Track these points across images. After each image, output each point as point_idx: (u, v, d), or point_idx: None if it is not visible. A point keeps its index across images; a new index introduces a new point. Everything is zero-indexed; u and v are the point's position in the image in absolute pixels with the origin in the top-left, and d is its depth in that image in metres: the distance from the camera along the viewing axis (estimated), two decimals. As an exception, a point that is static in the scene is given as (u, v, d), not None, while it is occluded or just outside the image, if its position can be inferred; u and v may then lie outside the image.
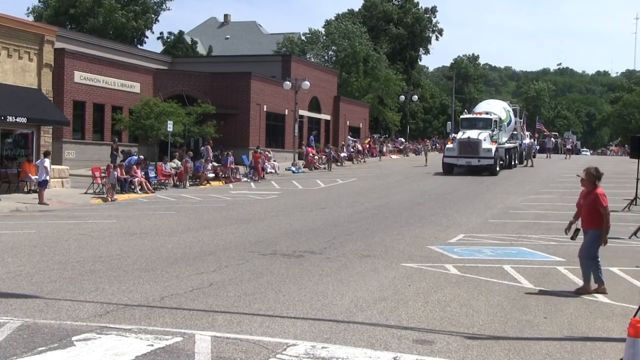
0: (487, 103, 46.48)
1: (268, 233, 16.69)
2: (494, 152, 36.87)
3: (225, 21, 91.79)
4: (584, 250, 10.50)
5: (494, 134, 38.52)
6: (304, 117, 52.16)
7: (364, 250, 14.10)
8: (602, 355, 7.41)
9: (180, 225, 18.20)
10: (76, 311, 8.67)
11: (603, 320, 8.86)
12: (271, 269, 11.92)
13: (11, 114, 25.31)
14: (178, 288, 10.17)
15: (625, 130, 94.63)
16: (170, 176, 31.37)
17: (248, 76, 45.98)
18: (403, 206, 23.43)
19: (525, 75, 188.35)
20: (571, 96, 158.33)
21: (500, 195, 27.37)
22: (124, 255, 13.17)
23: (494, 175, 36.16)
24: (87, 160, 36.86)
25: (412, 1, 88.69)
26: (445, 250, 14.30)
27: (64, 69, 37.40)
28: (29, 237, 15.55)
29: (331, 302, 9.48)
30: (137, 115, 37.45)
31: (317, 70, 56.95)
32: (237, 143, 43.30)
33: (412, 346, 7.48)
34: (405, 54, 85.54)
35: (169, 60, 56.15)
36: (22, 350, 6.92)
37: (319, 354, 7.05)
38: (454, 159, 37.83)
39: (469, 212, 21.80)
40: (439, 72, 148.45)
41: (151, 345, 7.19)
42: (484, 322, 8.60)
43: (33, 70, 27.80)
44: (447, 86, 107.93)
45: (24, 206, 22.39)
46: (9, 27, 26.51)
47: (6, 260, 12.29)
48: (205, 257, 13.08)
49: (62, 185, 28.33)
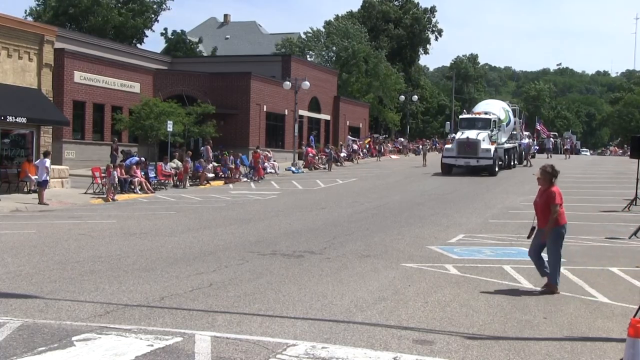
0: (487, 103, 46.28)
1: (268, 233, 16.69)
2: (493, 153, 36.72)
3: (225, 21, 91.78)
4: (552, 254, 10.48)
5: (493, 134, 38.34)
6: (303, 117, 52.16)
7: (363, 251, 14.10)
8: (602, 355, 7.41)
9: (180, 225, 18.20)
10: (76, 311, 8.67)
11: (603, 321, 8.85)
12: (271, 269, 11.92)
13: (11, 114, 25.32)
14: (178, 288, 10.17)
15: (625, 131, 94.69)
16: (170, 176, 31.39)
17: (248, 76, 45.98)
18: (403, 206, 23.43)
19: (525, 75, 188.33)
20: (571, 96, 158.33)
21: (500, 195, 27.37)
22: (124, 255, 13.17)
23: (493, 176, 36.02)
24: (87, 160, 36.86)
25: (411, 1, 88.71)
26: (445, 250, 14.31)
27: (64, 69, 37.40)
28: (29, 237, 15.55)
29: (331, 302, 9.48)
30: (137, 115, 37.44)
31: (317, 70, 56.95)
32: (237, 143, 43.29)
33: (412, 346, 7.48)
34: (404, 54, 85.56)
35: (168, 60, 56.16)
36: (22, 351, 6.92)
37: (318, 354, 7.04)
38: (453, 159, 37.62)
39: (469, 212, 21.80)
40: (439, 73, 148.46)
41: (151, 345, 7.19)
42: (484, 322, 8.60)
43: (33, 70, 27.80)
44: (447, 86, 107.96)
45: (23, 206, 22.38)
46: (9, 27, 26.51)
47: (6, 261, 12.29)
48: (205, 257, 13.08)
49: (62, 185, 28.33)
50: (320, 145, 52.32)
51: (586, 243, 15.70)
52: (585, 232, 17.46)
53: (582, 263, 13.05)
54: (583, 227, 18.53)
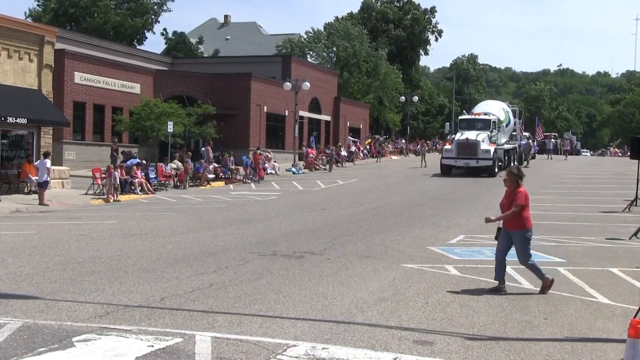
0: (486, 104, 46.06)
1: (268, 234, 16.69)
2: (493, 153, 36.53)
3: (225, 22, 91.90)
4: (522, 256, 10.48)
5: (492, 135, 38.12)
6: (304, 118, 52.17)
7: (364, 251, 14.11)
8: (603, 356, 7.41)
9: (181, 226, 18.20)
10: (76, 312, 8.67)
11: (603, 321, 8.85)
12: (271, 269, 11.92)
13: (11, 114, 25.33)
14: (178, 289, 10.17)
15: (626, 131, 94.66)
16: (170, 177, 31.40)
17: (248, 77, 46.00)
18: (403, 207, 23.43)
19: (526, 76, 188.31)
20: (571, 97, 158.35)
21: (500, 195, 27.18)
22: (124, 256, 13.17)
23: (493, 177, 35.82)
24: (87, 161, 36.87)
25: (411, 2, 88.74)
26: (446, 251, 14.31)
27: (64, 70, 37.42)
28: (29, 238, 15.55)
29: (331, 302, 9.48)
30: (138, 116, 37.46)
31: (317, 71, 56.96)
32: (237, 144, 43.30)
33: (412, 347, 7.48)
34: (404, 54, 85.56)
35: (169, 61, 56.19)
36: (23, 351, 6.92)
37: (319, 354, 7.04)
38: (452, 160, 37.45)
39: (469, 212, 21.80)
40: (439, 73, 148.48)
41: (151, 346, 7.19)
42: (484, 323, 8.60)
43: (33, 71, 27.82)
44: (447, 87, 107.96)
45: (24, 207, 22.39)
46: (9, 28, 26.53)
47: (6, 261, 12.30)
48: (205, 258, 13.08)
49: (62, 186, 28.34)
50: (320, 146, 52.33)
51: (586, 243, 15.70)
52: (586, 232, 17.48)
53: (582, 263, 13.06)
54: (583, 227, 18.55)
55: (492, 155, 36.49)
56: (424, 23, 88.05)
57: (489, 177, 35.87)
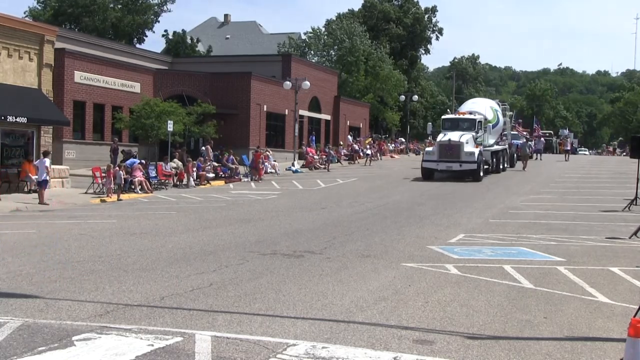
0: (473, 102, 42.24)
1: (268, 233, 16.69)
2: (477, 156, 33.39)
3: (225, 21, 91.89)
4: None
5: (478, 135, 35.10)
6: (304, 117, 52.15)
7: (364, 250, 14.10)
8: (603, 355, 7.41)
9: (181, 225, 18.20)
10: (76, 311, 8.67)
11: (603, 320, 8.85)
12: (271, 269, 11.92)
13: (11, 114, 25.33)
14: (178, 288, 10.17)
15: (626, 130, 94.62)
16: (170, 176, 31.40)
17: (248, 76, 45.98)
18: (403, 206, 23.43)
19: (526, 75, 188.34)
20: (571, 96, 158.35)
21: (500, 195, 27.36)
22: (124, 255, 13.17)
23: (478, 181, 33.03)
24: (87, 160, 36.84)
25: (412, 1, 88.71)
26: (446, 250, 14.30)
27: (64, 69, 37.38)
28: (29, 237, 15.56)
29: (331, 302, 9.48)
30: (138, 115, 37.44)
31: (317, 70, 56.94)
32: (237, 143, 43.26)
33: (412, 346, 7.48)
34: (405, 53, 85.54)
35: (169, 60, 56.16)
36: (23, 350, 6.92)
37: (319, 354, 7.05)
38: (434, 163, 34.24)
39: (469, 212, 21.80)
40: (440, 73, 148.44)
41: (151, 345, 7.19)
42: (484, 322, 8.60)
43: (33, 70, 27.81)
44: (447, 86, 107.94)
45: (24, 206, 22.39)
46: (9, 27, 26.52)
47: (6, 260, 12.30)
48: (205, 257, 13.08)
49: (62, 185, 28.34)
50: (320, 145, 52.30)
51: (586, 243, 15.69)
52: (586, 231, 17.47)
53: (582, 263, 13.05)
54: (583, 226, 18.54)
55: (477, 158, 33.39)
56: (424, 22, 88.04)
57: (489, 176, 35.38)
